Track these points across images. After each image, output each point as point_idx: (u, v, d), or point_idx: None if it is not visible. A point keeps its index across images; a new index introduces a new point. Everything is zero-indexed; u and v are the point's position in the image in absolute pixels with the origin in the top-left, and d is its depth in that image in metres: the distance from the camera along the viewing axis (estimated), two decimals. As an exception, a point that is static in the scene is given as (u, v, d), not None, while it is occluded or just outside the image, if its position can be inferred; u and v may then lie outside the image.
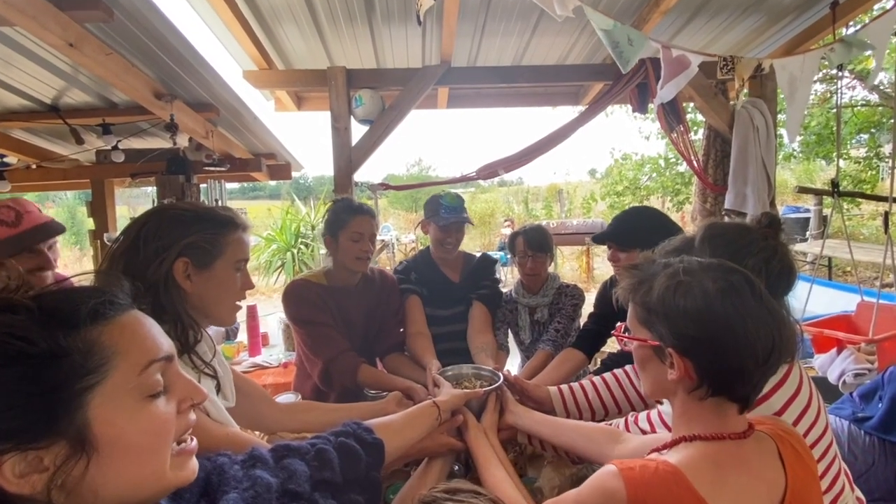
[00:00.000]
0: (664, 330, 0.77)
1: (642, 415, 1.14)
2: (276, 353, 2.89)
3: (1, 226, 1.47)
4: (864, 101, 8.30)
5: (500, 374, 1.41)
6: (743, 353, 0.73)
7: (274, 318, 3.24)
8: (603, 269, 9.45)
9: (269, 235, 8.92)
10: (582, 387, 1.44)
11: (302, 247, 8.55)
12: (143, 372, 0.54)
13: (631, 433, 1.12)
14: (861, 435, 1.67)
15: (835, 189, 2.67)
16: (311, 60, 3.11)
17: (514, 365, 2.23)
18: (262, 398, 1.30)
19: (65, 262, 10.39)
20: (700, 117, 6.18)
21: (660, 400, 1.09)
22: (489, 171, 3.17)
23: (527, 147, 3.14)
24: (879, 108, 8.09)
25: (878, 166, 8.80)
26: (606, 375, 1.44)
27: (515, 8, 2.58)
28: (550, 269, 2.13)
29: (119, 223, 3.67)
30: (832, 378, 2.21)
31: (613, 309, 0.96)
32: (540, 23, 2.74)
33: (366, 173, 3.88)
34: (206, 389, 0.66)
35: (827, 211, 7.70)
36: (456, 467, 1.28)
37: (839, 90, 3.09)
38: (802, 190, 4.19)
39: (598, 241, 1.74)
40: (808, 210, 8.56)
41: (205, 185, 3.32)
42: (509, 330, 2.14)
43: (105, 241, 3.37)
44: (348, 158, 3.05)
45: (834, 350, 2.33)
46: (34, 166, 3.48)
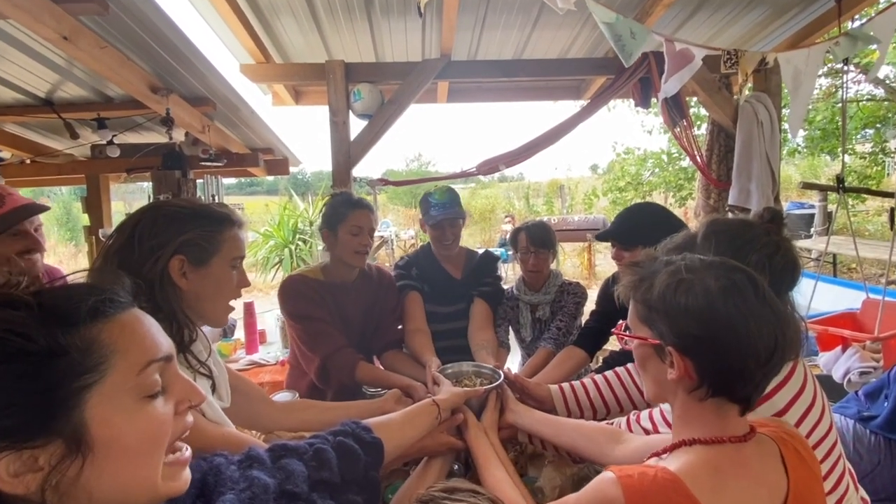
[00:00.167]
0: (664, 328, 0.77)
1: (644, 413, 1.13)
2: (274, 350, 2.87)
3: None
4: (869, 96, 8.24)
5: (501, 373, 1.39)
6: (744, 352, 0.72)
7: (271, 315, 3.23)
8: (605, 265, 9.45)
9: (267, 231, 8.87)
10: (583, 385, 1.43)
11: (300, 243, 8.51)
12: (142, 372, 0.54)
13: (633, 432, 1.11)
14: (866, 434, 1.66)
15: (840, 185, 2.65)
16: (308, 54, 3.08)
17: (514, 363, 2.21)
18: (259, 397, 1.29)
19: (60, 259, 10.41)
20: (703, 112, 6.13)
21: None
22: (489, 166, 3.15)
23: (528, 142, 3.12)
24: (885, 102, 8.04)
25: (883, 162, 8.75)
26: (608, 373, 1.44)
27: (516, 1, 2.56)
28: (552, 266, 2.11)
29: (114, 219, 3.64)
30: (837, 376, 2.19)
31: (615, 306, 0.95)
32: (541, 16, 2.72)
33: (365, 168, 3.87)
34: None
35: (832, 207, 7.69)
36: (456, 466, 1.27)
37: (844, 84, 3.07)
38: (807, 186, 4.18)
39: (601, 239, 1.75)
40: (812, 206, 8.54)
41: (201, 180, 3.28)
42: (510, 327, 2.13)
43: (100, 236, 3.34)
44: (347, 153, 3.03)
45: (839, 348, 2.31)
46: (28, 161, 3.46)
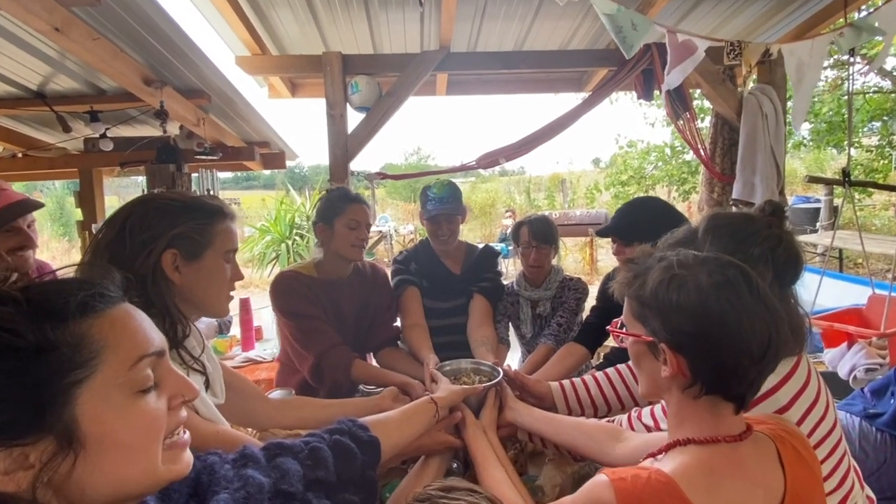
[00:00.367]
0: (657, 325, 0.76)
1: (646, 410, 1.12)
2: (270, 347, 2.84)
3: None
4: (876, 88, 8.15)
5: (500, 370, 1.38)
6: (737, 349, 0.72)
7: (268, 311, 3.19)
8: (607, 261, 9.41)
9: (263, 226, 8.80)
10: (584, 382, 1.42)
11: (297, 238, 8.43)
12: (134, 367, 0.53)
13: (634, 430, 1.10)
14: (872, 432, 1.65)
15: (846, 178, 2.62)
16: (305, 45, 3.05)
17: (514, 359, 2.20)
18: (254, 394, 1.28)
19: (53, 254, 10.43)
20: (707, 104, 6.09)
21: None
22: (490, 159, 3.13)
23: (528, 135, 3.10)
24: (892, 94, 7.97)
25: (890, 155, 8.70)
26: (609, 370, 1.43)
27: (517, -9, 2.52)
28: (554, 261, 2.09)
29: (108, 213, 3.62)
30: (842, 373, 2.17)
31: (616, 302, 0.93)
32: (542, 6, 2.69)
33: (363, 162, 3.83)
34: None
35: (838, 201, 7.62)
36: (454, 465, 1.26)
37: (850, 76, 3.01)
38: (812, 179, 4.14)
39: (601, 235, 1.74)
40: (818, 200, 8.47)
41: (196, 174, 3.27)
42: (510, 323, 2.11)
43: (94, 231, 3.33)
44: (344, 147, 3.00)
45: (844, 344, 2.29)
46: (20, 155, 3.43)
